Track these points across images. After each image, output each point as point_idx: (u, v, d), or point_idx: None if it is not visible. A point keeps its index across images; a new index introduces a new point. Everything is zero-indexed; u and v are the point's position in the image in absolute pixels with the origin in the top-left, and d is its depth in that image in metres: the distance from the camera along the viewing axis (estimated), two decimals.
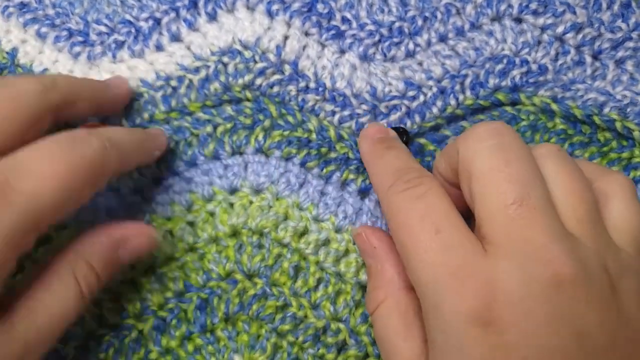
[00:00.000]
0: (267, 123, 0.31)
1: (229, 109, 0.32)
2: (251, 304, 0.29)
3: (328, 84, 0.32)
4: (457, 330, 0.21)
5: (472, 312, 0.20)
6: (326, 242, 0.30)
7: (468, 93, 0.32)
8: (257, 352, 0.29)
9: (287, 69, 0.32)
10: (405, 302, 0.25)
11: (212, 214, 0.31)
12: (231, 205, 0.31)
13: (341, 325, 0.29)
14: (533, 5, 0.32)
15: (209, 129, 0.31)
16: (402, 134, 0.31)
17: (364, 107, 0.31)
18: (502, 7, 0.32)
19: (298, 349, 0.29)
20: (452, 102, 0.32)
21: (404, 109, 0.31)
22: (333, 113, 0.32)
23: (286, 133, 0.31)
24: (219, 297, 0.30)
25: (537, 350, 0.20)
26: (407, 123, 0.32)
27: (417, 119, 0.32)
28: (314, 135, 0.31)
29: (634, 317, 0.21)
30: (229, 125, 0.31)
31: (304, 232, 0.30)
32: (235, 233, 0.30)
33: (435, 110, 0.31)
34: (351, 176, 0.31)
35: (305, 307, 0.29)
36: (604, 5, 0.32)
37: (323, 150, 0.31)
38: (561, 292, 0.20)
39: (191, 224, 0.31)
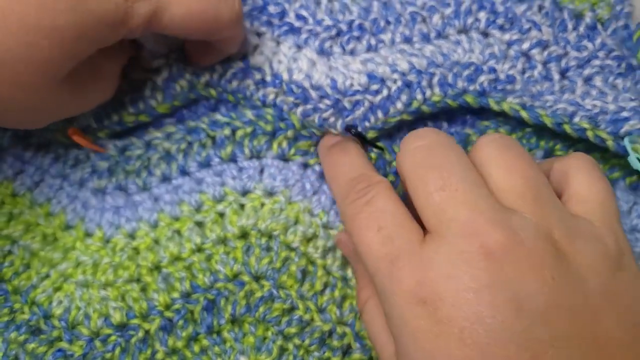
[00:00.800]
0: (290, 133, 0.31)
1: (248, 113, 0.31)
2: (258, 306, 0.30)
3: (285, 76, 0.31)
4: (401, 312, 0.22)
5: (408, 293, 0.22)
6: (333, 249, 0.30)
7: (437, 90, 0.31)
8: (263, 354, 0.29)
9: (239, 63, 0.31)
10: None
11: (221, 214, 0.31)
12: (242, 206, 0.31)
13: (347, 329, 0.29)
14: (500, 21, 0.32)
15: (227, 131, 0.31)
16: (357, 134, 0.30)
17: (326, 101, 0.31)
18: (470, 21, 0.32)
19: (304, 351, 0.29)
20: (419, 96, 0.31)
21: (367, 103, 0.31)
22: (296, 105, 0.31)
23: (313, 142, 0.31)
24: (226, 299, 0.30)
25: (473, 320, 0.21)
26: (370, 119, 0.31)
27: (380, 115, 0.31)
28: None
29: (586, 281, 0.22)
30: (248, 130, 0.31)
31: (313, 237, 0.30)
32: (244, 235, 0.30)
33: (399, 105, 0.31)
34: None
35: (312, 311, 0.29)
36: (570, 26, 0.32)
37: None
38: (491, 262, 0.21)
39: (199, 224, 0.31)
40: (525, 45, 0.31)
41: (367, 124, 0.31)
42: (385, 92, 0.31)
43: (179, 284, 0.30)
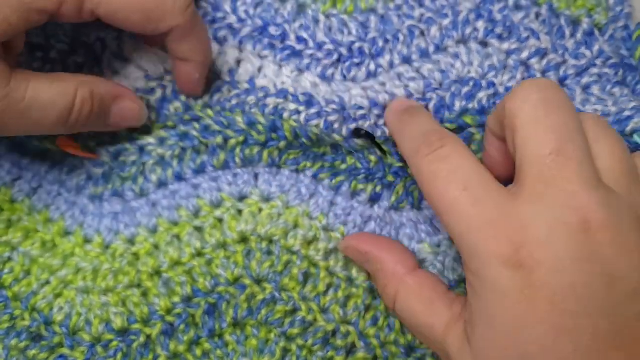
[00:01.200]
0: (282, 144, 0.31)
1: (240, 122, 0.31)
2: (260, 308, 0.30)
3: (290, 90, 0.32)
4: (492, 274, 0.22)
5: (504, 255, 0.22)
6: (335, 250, 0.31)
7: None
8: (266, 356, 0.29)
9: (245, 85, 0.32)
10: (414, 284, 0.27)
11: (220, 220, 0.31)
12: (239, 212, 0.31)
13: (350, 328, 0.29)
14: (498, 30, 0.33)
15: (219, 139, 0.31)
16: (367, 135, 0.31)
17: (333, 106, 0.31)
18: (468, 31, 0.33)
19: (307, 352, 0.29)
20: None
21: (372, 119, 0.31)
22: (298, 112, 0.31)
23: (302, 151, 0.32)
24: (228, 302, 0.30)
25: (565, 287, 0.21)
26: (377, 132, 0.31)
27: (388, 130, 0.31)
28: (328, 149, 0.32)
29: None
30: (240, 139, 0.31)
31: (313, 240, 0.31)
32: (243, 239, 0.31)
33: None
34: (360, 186, 0.31)
35: (315, 311, 0.30)
36: (567, 33, 0.33)
37: (337, 163, 0.32)
38: (590, 237, 0.22)
39: (199, 229, 0.31)
40: (524, 55, 0.32)
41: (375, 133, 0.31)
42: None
43: (180, 289, 0.30)
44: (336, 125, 0.31)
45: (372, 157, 0.31)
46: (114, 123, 0.30)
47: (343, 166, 0.32)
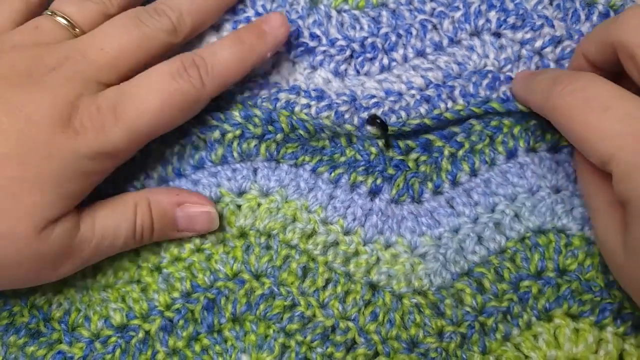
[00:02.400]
0: (279, 137, 0.31)
1: (237, 116, 0.31)
2: (259, 303, 0.29)
3: (303, 87, 0.32)
4: None
5: None
6: (334, 244, 0.30)
7: (460, 100, 0.31)
8: (264, 352, 0.29)
9: (259, 79, 0.32)
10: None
11: (219, 215, 0.31)
12: (239, 207, 0.31)
13: (350, 324, 0.29)
14: (511, 20, 0.32)
15: (216, 134, 0.31)
16: (382, 124, 0.30)
17: (344, 97, 0.31)
18: (480, 22, 0.32)
19: (306, 348, 0.29)
20: (442, 105, 0.31)
21: (387, 106, 0.31)
22: (308, 106, 0.31)
23: (301, 144, 0.31)
24: (227, 297, 0.29)
25: None
26: (391, 117, 0.31)
27: (403, 114, 0.31)
28: (327, 143, 0.31)
29: None
30: (237, 133, 0.31)
31: (312, 234, 0.30)
32: (242, 234, 0.30)
33: (422, 110, 0.31)
34: (360, 178, 0.31)
35: (314, 306, 0.29)
36: (582, 17, 0.32)
37: (335, 156, 0.31)
38: None
39: None
40: (538, 44, 0.32)
41: (388, 120, 0.31)
42: (404, 103, 0.31)
43: (179, 284, 0.30)
44: (347, 115, 0.30)
45: (373, 149, 0.31)
46: (184, 229, 0.30)
47: (342, 159, 0.31)
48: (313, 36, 0.33)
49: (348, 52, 0.32)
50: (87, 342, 0.29)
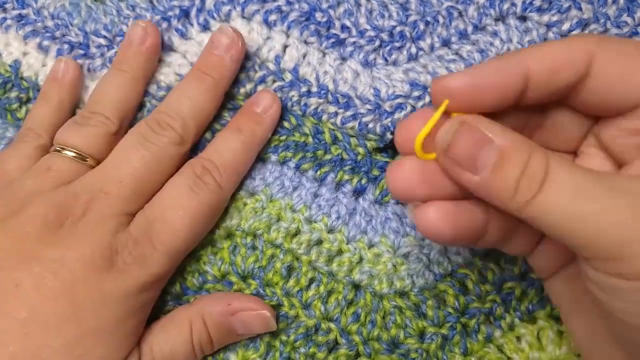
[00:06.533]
0: None
1: (225, 115, 0.32)
2: None
3: (331, 87, 0.32)
4: None
5: None
6: (318, 242, 0.30)
7: None
8: (250, 350, 0.29)
9: (288, 75, 0.32)
10: None
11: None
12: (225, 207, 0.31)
13: (332, 325, 0.29)
14: (537, 2, 0.31)
15: (207, 135, 0.32)
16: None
17: (367, 106, 0.31)
18: (506, 6, 0.32)
19: (290, 348, 0.29)
20: None
21: (409, 107, 0.31)
22: (336, 114, 0.31)
23: (283, 138, 0.31)
24: None
25: None
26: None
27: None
28: (310, 139, 0.31)
29: None
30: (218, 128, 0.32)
31: (296, 233, 0.30)
32: (229, 235, 0.31)
33: None
34: (346, 177, 0.31)
35: (297, 307, 0.30)
36: (610, 0, 0.31)
37: (319, 153, 0.31)
38: None
39: None
40: (565, 26, 0.31)
41: None
42: (427, 98, 0.31)
43: (171, 287, 0.30)
44: (370, 125, 0.31)
45: (360, 150, 0.31)
46: (244, 333, 0.29)
47: (327, 156, 0.31)
48: (344, 28, 0.33)
49: (377, 43, 0.32)
50: None
